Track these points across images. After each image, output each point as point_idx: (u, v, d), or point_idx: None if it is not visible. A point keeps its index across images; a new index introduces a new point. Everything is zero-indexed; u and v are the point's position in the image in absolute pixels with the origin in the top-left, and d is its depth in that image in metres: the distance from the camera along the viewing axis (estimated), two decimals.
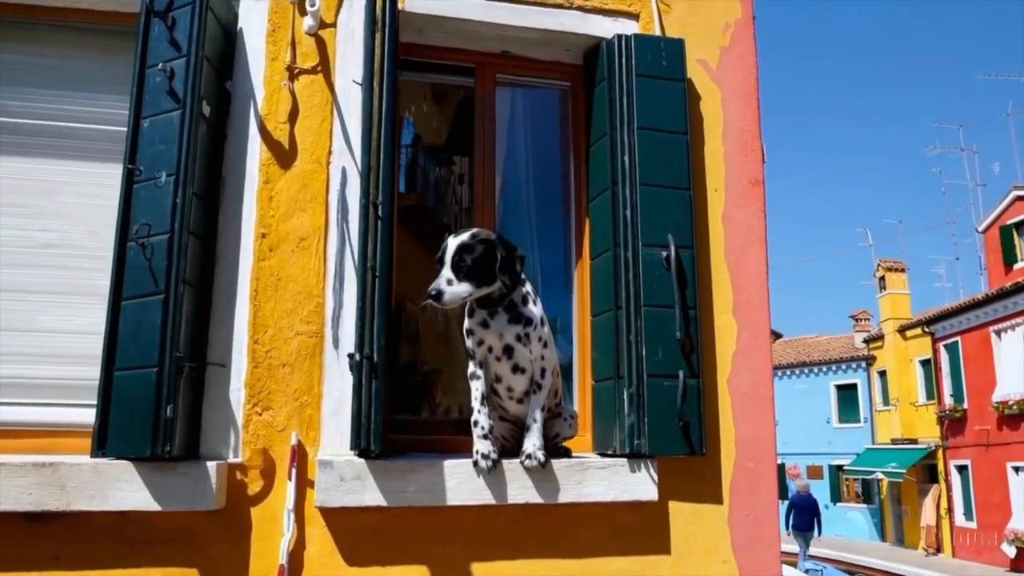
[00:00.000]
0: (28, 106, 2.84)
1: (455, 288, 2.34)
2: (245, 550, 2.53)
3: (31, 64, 2.88)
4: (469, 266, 2.34)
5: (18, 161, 2.82)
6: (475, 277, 2.37)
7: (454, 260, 2.34)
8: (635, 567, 2.80)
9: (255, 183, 2.81)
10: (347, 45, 3.03)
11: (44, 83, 2.87)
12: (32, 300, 2.73)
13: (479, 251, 2.37)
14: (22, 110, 2.83)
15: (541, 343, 2.63)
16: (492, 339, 2.57)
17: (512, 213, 3.65)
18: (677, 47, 3.22)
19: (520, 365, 2.62)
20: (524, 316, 2.57)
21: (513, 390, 2.65)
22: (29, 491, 2.34)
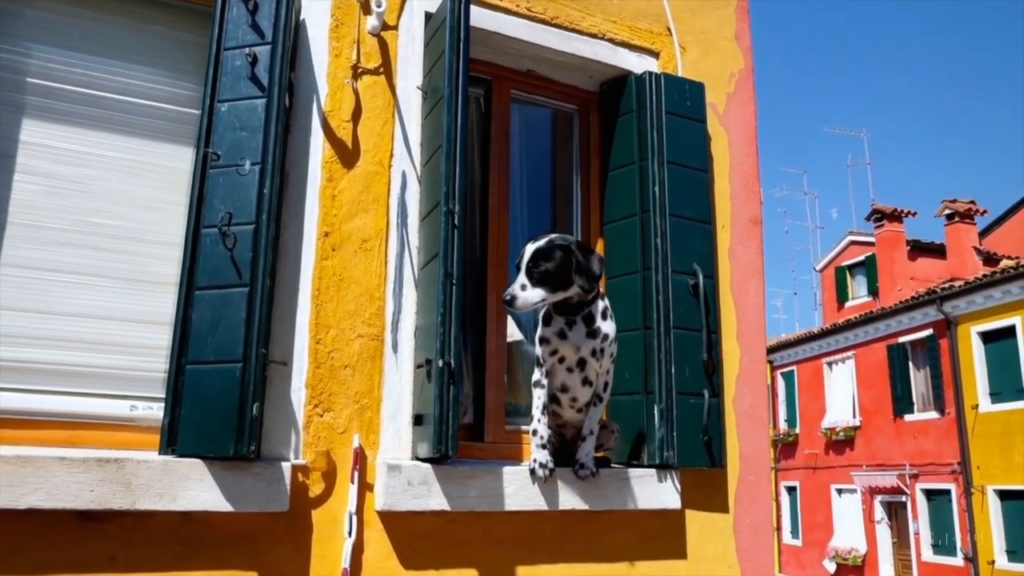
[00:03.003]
0: (88, 76, 2.63)
1: (527, 294, 2.39)
2: (306, 553, 2.48)
3: (89, 31, 2.67)
4: (543, 272, 2.39)
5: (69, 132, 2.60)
6: (549, 283, 2.41)
7: (528, 266, 2.39)
8: (657, 571, 2.99)
9: (318, 180, 2.77)
10: (408, 49, 3.05)
11: (103, 52, 2.67)
12: (69, 282, 2.52)
13: (554, 257, 2.41)
14: (76, 78, 2.62)
15: (611, 359, 2.75)
16: (567, 350, 2.66)
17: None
18: (699, 90, 3.49)
19: (589, 378, 2.71)
20: (602, 332, 2.63)
21: (577, 400, 2.75)
22: (91, 488, 2.18)
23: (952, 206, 21.17)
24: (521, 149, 3.80)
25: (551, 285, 2.42)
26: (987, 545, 17.50)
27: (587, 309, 2.62)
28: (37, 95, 2.56)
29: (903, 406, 20.21)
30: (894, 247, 22.18)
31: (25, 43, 2.57)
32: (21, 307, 2.43)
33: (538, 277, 2.39)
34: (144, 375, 2.53)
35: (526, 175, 3.81)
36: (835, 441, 22.00)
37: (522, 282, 2.40)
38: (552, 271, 2.40)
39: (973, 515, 17.90)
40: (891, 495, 20.68)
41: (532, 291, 2.40)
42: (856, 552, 21.21)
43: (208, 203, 2.44)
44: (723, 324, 3.39)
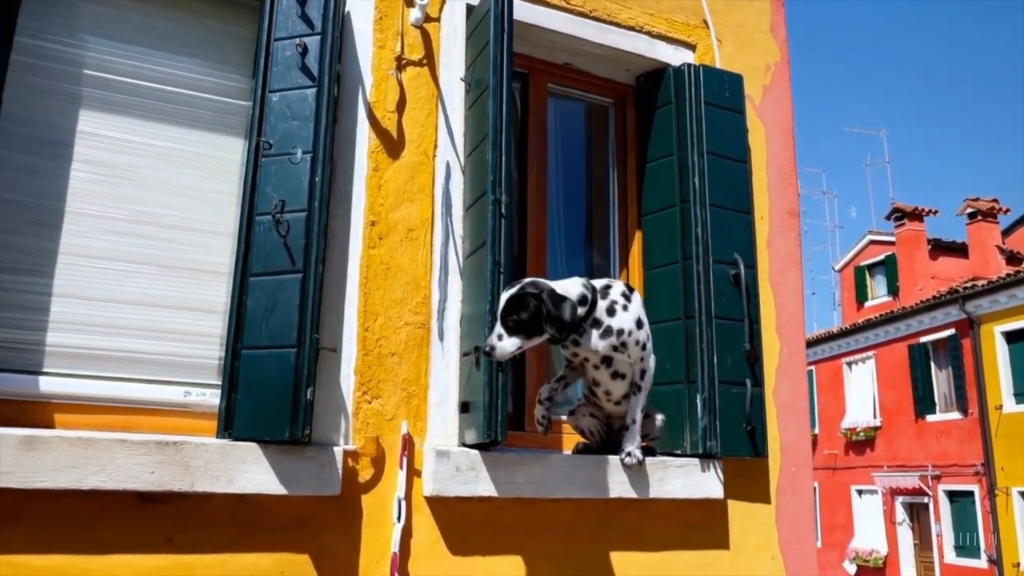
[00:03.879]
0: (139, 67, 2.67)
1: (504, 344, 2.34)
2: (356, 537, 2.50)
3: (142, 24, 2.71)
4: (517, 321, 2.34)
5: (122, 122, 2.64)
6: (524, 331, 2.36)
7: (503, 316, 2.35)
8: (700, 561, 3.00)
9: (364, 170, 2.79)
10: (450, 41, 3.07)
11: (155, 45, 2.71)
12: (124, 270, 2.56)
13: (528, 305, 2.36)
14: (129, 69, 2.66)
15: (639, 346, 2.68)
16: (586, 353, 2.63)
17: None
18: (738, 81, 3.49)
19: (619, 372, 2.71)
20: (615, 328, 2.59)
21: (611, 394, 2.76)
22: (151, 470, 2.21)
23: (974, 204, 20.98)
24: (557, 142, 3.82)
25: (526, 333, 2.36)
26: (1011, 547, 17.30)
27: (591, 316, 2.56)
28: (92, 86, 2.60)
29: (925, 406, 20.03)
30: (915, 246, 21.99)
31: (81, 35, 2.61)
32: (78, 295, 2.47)
33: (512, 326, 2.34)
34: (197, 362, 2.56)
35: (562, 168, 3.82)
36: (855, 442, 21.84)
37: (499, 332, 2.35)
38: (526, 320, 2.34)
39: (997, 517, 17.72)
40: (913, 496, 20.51)
41: (508, 340, 2.34)
42: (877, 554, 21.04)
43: (261, 191, 2.48)
44: (762, 315, 3.38)
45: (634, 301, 2.68)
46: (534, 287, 2.39)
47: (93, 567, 2.17)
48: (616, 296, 2.64)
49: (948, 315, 19.23)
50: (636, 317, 2.66)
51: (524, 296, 2.36)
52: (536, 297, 2.36)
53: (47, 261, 2.44)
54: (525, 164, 3.44)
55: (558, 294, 2.42)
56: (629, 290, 2.69)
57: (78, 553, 2.17)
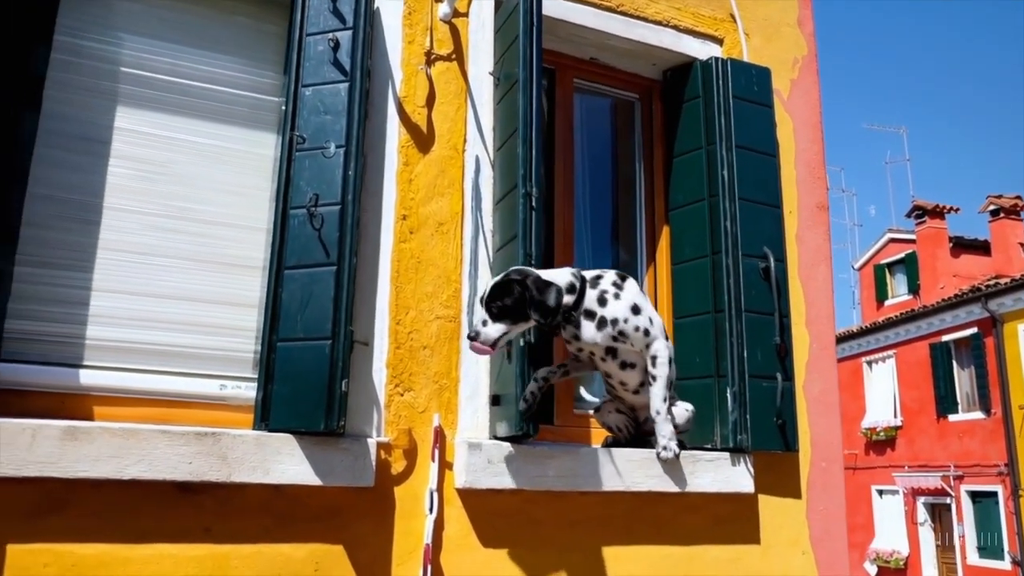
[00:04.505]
0: (174, 64, 2.71)
1: (488, 329, 2.34)
2: (388, 529, 2.52)
3: (176, 21, 2.75)
4: (501, 307, 2.34)
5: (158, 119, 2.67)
6: (509, 317, 2.35)
7: (487, 302, 2.35)
8: (731, 555, 2.99)
9: (395, 164, 2.81)
10: (479, 35, 3.09)
11: (189, 42, 2.74)
12: (160, 264, 2.59)
13: (512, 292, 2.35)
14: (164, 67, 2.70)
15: (640, 332, 2.58)
16: (588, 346, 2.60)
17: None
18: (766, 75, 3.48)
19: (628, 361, 2.66)
20: (608, 318, 2.53)
21: (626, 384, 2.74)
22: (189, 460, 2.24)
23: (997, 202, 20.73)
24: (583, 137, 3.82)
25: (511, 319, 2.35)
26: None
27: (582, 306, 2.52)
28: (129, 83, 2.64)
29: (947, 406, 19.82)
30: (936, 244, 21.77)
31: (117, 33, 2.64)
32: (116, 289, 2.51)
33: (497, 312, 2.34)
34: (232, 355, 2.59)
35: (588, 163, 3.82)
36: (875, 441, 21.64)
37: (483, 318, 2.35)
38: (510, 306, 2.33)
39: (1021, 518, 17.50)
40: (934, 497, 20.30)
41: (493, 326, 2.33)
42: (898, 555, 20.84)
43: (295, 185, 2.50)
44: (792, 310, 3.36)
45: (627, 289, 2.60)
46: (519, 274, 2.39)
47: (133, 556, 2.20)
48: (606, 285, 2.57)
49: (971, 313, 19.00)
50: (630, 304, 2.57)
51: (508, 283, 2.36)
52: (520, 284, 2.36)
53: (86, 256, 2.48)
54: (552, 159, 3.44)
55: (543, 280, 2.41)
56: (621, 279, 2.61)
57: (118, 542, 2.20)
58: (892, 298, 23.27)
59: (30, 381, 2.33)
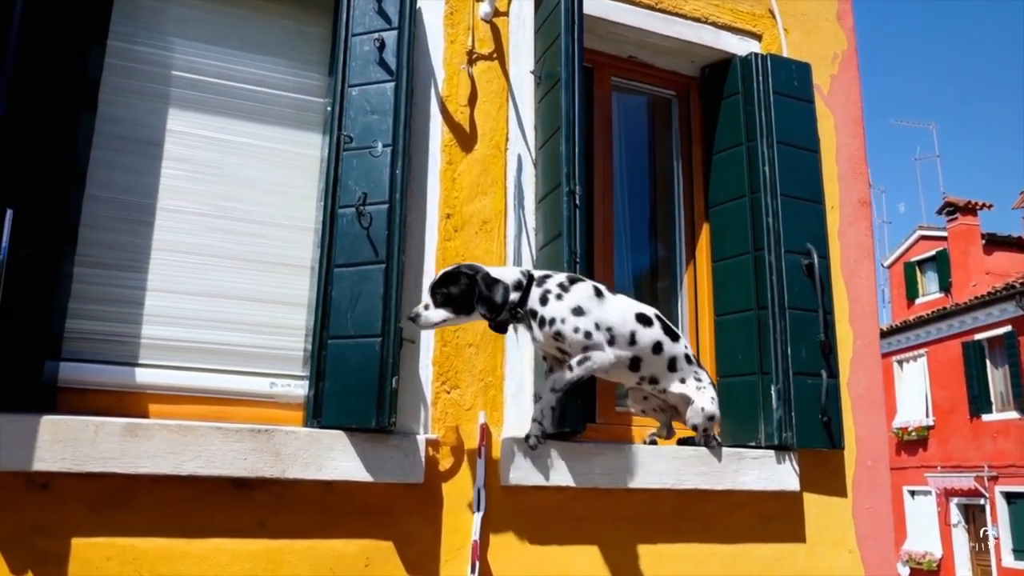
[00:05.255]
0: (222, 67, 2.76)
1: (429, 313, 2.35)
2: (437, 525, 2.54)
3: (224, 25, 2.80)
4: (446, 294, 2.35)
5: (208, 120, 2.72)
6: (452, 305, 2.36)
7: (432, 288, 2.37)
8: (776, 554, 2.97)
9: (438, 163, 2.83)
10: (519, 35, 3.10)
11: (236, 45, 2.79)
12: (211, 264, 2.63)
13: (459, 282, 2.37)
14: (213, 69, 2.75)
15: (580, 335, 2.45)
16: (544, 347, 2.54)
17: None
18: (806, 70, 3.46)
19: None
20: (547, 318, 2.45)
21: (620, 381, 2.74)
22: (244, 456, 2.28)
23: None
24: (620, 135, 3.82)
25: (455, 307, 2.36)
26: None
27: (527, 306, 2.46)
28: (179, 86, 2.69)
29: (980, 405, 19.48)
30: (968, 241, 21.41)
31: (168, 38, 2.69)
32: (170, 288, 2.55)
33: (441, 299, 2.35)
34: (282, 353, 2.63)
35: (625, 161, 3.82)
36: (907, 441, 21.33)
37: (426, 302, 2.36)
38: (455, 295, 2.34)
39: None
40: (968, 497, 19.97)
41: (435, 311, 2.35)
42: (931, 556, 20.54)
43: (343, 184, 2.53)
44: (835, 306, 3.33)
45: (573, 291, 2.49)
46: (469, 268, 2.40)
47: (191, 551, 2.24)
48: (551, 286, 2.49)
49: (1004, 311, 18.67)
50: (572, 306, 2.46)
51: (458, 273, 2.38)
52: (469, 277, 2.37)
53: (141, 256, 2.53)
54: (591, 157, 3.44)
55: (492, 276, 2.41)
56: (571, 281, 2.52)
57: (176, 537, 2.24)
58: (923, 296, 22.93)
59: (89, 380, 2.38)
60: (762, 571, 2.93)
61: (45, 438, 2.10)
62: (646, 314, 2.62)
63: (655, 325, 2.63)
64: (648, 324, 2.61)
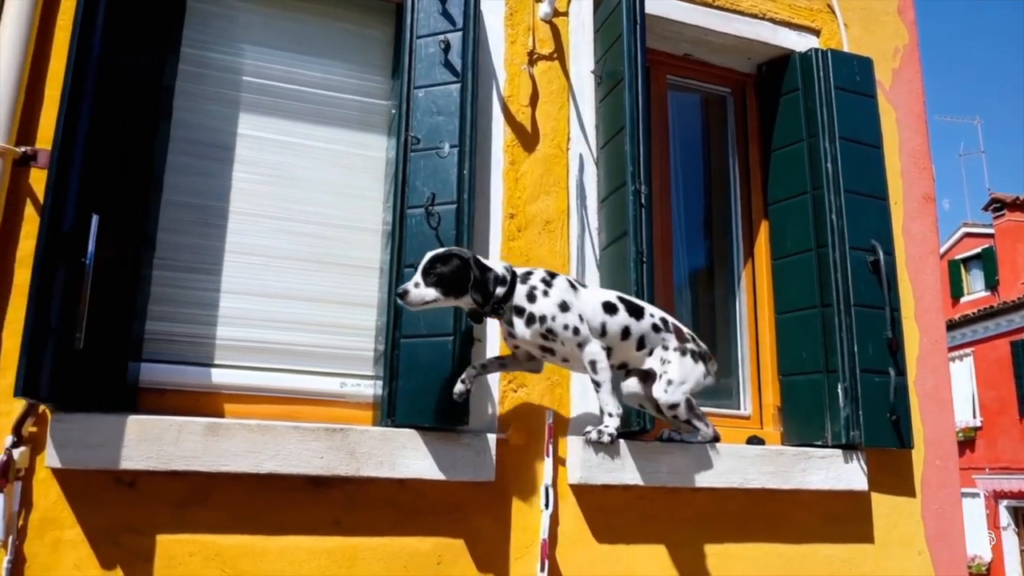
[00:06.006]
0: (289, 71, 2.81)
1: (420, 291, 2.28)
2: (506, 523, 2.55)
3: (290, 30, 2.85)
4: (438, 274, 2.29)
5: (276, 124, 2.77)
6: (443, 286, 2.30)
7: (425, 267, 2.32)
8: (844, 554, 2.93)
9: (501, 164, 2.85)
10: (579, 35, 3.10)
11: (301, 49, 2.84)
12: (281, 266, 2.67)
13: (450, 264, 2.32)
14: (280, 74, 2.80)
15: (571, 331, 2.40)
16: (524, 344, 2.45)
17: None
18: (868, 65, 3.41)
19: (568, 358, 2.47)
20: (536, 315, 2.38)
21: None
22: (320, 455, 2.31)
23: None
24: (675, 133, 3.80)
25: (445, 289, 2.30)
26: None
27: (511, 301, 2.39)
28: (248, 91, 2.74)
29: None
30: (1016, 238, 20.87)
31: (238, 44, 2.75)
32: (242, 290, 2.60)
33: (434, 279, 2.29)
34: (352, 353, 2.66)
35: (680, 160, 3.80)
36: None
37: (416, 280, 2.29)
38: (447, 275, 2.29)
39: None
40: (1018, 500, 19.45)
41: (425, 290, 2.28)
42: (980, 559, 20.04)
43: (410, 185, 2.55)
44: (900, 303, 3.28)
45: (556, 286, 2.44)
46: (460, 251, 2.36)
47: (270, 547, 2.28)
48: (536, 282, 2.43)
49: None
50: (558, 301, 2.42)
51: (450, 256, 2.32)
52: (463, 260, 2.32)
53: (215, 259, 2.58)
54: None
55: (485, 264, 2.37)
56: (551, 276, 2.46)
57: (256, 534, 2.28)
58: (968, 295, 22.40)
59: (168, 380, 2.44)
60: (830, 572, 2.90)
61: (131, 437, 2.15)
62: (610, 301, 2.50)
63: (620, 310, 2.50)
64: (614, 311, 2.49)
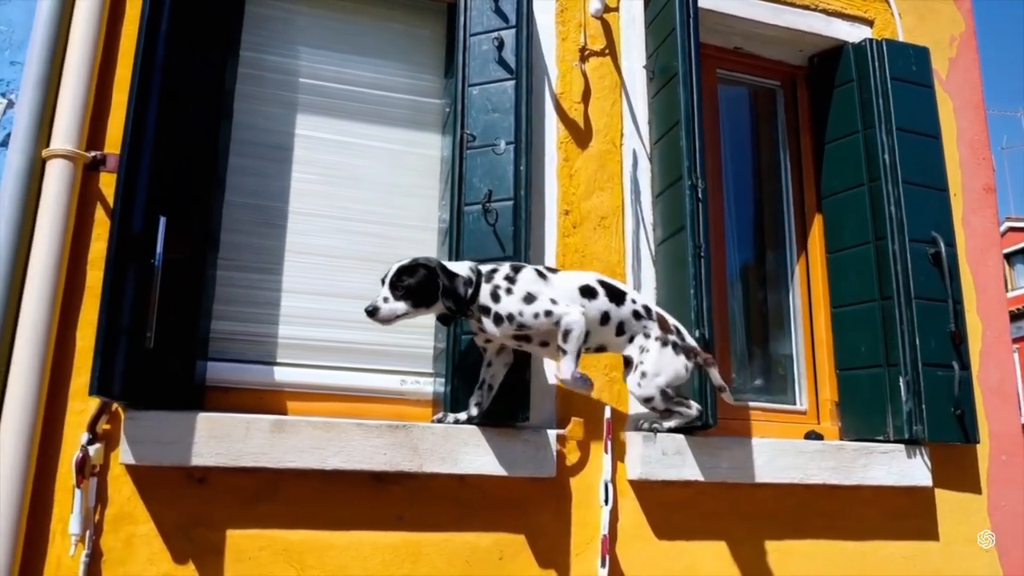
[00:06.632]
0: (344, 72, 2.85)
1: (390, 305, 2.25)
2: (566, 519, 2.55)
3: (344, 32, 2.88)
4: (406, 286, 2.27)
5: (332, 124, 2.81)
6: (412, 298, 2.27)
7: (392, 280, 2.29)
8: (907, 551, 2.88)
9: (555, 160, 2.85)
10: (630, 30, 3.09)
11: (355, 50, 2.87)
12: (341, 266, 2.70)
13: (417, 275, 2.29)
14: (334, 75, 2.83)
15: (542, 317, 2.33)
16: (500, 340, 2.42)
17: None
18: (924, 54, 3.34)
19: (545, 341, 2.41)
20: (503, 315, 2.33)
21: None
22: (383, 451, 2.33)
23: None
24: (724, 128, 3.77)
25: (414, 301, 2.27)
26: None
27: (477, 301, 2.35)
28: (305, 92, 2.78)
29: None
30: None
31: (294, 46, 2.79)
32: (303, 289, 2.64)
33: (402, 291, 2.27)
34: (410, 351, 2.68)
35: (730, 154, 3.76)
36: None
37: (384, 295, 2.26)
38: (414, 287, 2.26)
39: None
40: None
41: (395, 303, 2.25)
42: None
43: (467, 182, 2.56)
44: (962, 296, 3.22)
45: (520, 280, 2.38)
46: (427, 261, 2.32)
47: (335, 543, 2.31)
48: (499, 280, 2.38)
49: None
50: (523, 295, 2.36)
51: (416, 266, 2.28)
52: (428, 269, 2.29)
53: (276, 259, 2.62)
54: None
55: (451, 270, 2.33)
56: (515, 270, 2.41)
57: (322, 529, 2.31)
58: (1013, 290, 21.85)
59: (232, 378, 2.48)
60: (894, 570, 2.85)
61: (202, 434, 2.19)
62: (590, 285, 2.44)
63: (600, 294, 2.44)
64: (593, 295, 2.43)
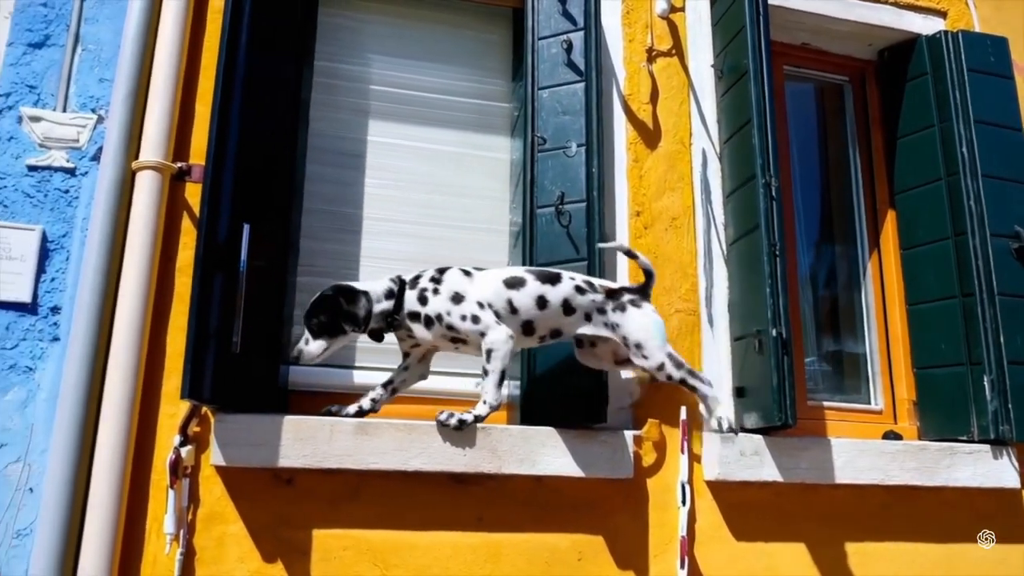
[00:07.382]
0: (414, 78, 2.90)
1: (310, 347, 2.26)
2: (643, 520, 2.55)
3: (413, 38, 2.94)
4: (318, 324, 2.26)
5: (403, 130, 2.86)
6: (326, 333, 2.27)
7: (305, 321, 2.28)
8: (996, 555, 2.80)
9: (624, 161, 2.85)
10: (696, 29, 3.07)
11: (425, 57, 2.93)
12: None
13: (324, 307, 2.28)
14: (405, 81, 2.89)
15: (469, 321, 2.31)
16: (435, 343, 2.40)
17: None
18: (1002, 45, 3.26)
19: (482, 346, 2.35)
20: (432, 316, 2.32)
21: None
22: (464, 453, 2.36)
23: None
24: (793, 125, 3.71)
25: (329, 334, 2.27)
26: None
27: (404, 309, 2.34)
28: (376, 99, 2.84)
29: None
30: None
31: (365, 54, 2.85)
32: None
33: (316, 329, 2.26)
34: None
35: (797, 151, 3.71)
36: None
37: (305, 337, 2.27)
38: (325, 322, 2.25)
39: None
40: None
41: (314, 344, 2.26)
42: None
43: (539, 185, 2.58)
44: None
45: (446, 281, 2.37)
46: (332, 289, 2.31)
47: (417, 543, 2.35)
48: (425, 283, 2.37)
49: None
50: (450, 295, 2.34)
51: (322, 299, 2.28)
52: (330, 297, 2.28)
53: (351, 264, 2.68)
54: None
55: (352, 290, 2.29)
56: (440, 272, 2.39)
57: (404, 529, 2.35)
58: None
59: (313, 382, 2.54)
60: (981, 573, 2.77)
61: (288, 437, 2.25)
62: (514, 276, 2.38)
63: (528, 281, 2.37)
64: (519, 285, 2.36)
